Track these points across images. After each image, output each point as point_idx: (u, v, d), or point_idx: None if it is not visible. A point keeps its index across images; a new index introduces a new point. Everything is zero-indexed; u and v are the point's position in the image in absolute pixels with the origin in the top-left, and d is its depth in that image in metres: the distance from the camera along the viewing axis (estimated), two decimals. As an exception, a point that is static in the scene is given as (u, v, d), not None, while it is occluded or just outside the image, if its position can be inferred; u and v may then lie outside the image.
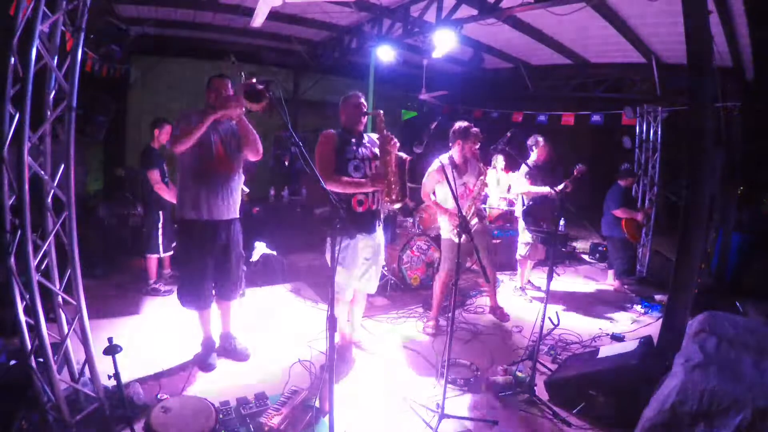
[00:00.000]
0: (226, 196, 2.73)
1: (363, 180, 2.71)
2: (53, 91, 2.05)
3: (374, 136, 2.85)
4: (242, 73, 2.30)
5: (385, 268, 4.34)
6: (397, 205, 2.96)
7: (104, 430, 2.15)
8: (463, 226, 2.52)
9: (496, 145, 3.57)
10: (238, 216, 2.87)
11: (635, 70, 5.57)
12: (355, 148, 2.78)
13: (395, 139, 2.76)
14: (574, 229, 7.48)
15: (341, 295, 2.85)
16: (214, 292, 2.91)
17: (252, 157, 2.79)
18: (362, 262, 2.86)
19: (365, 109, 2.84)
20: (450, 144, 3.62)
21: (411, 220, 5.24)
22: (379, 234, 2.94)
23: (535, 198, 4.38)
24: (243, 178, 2.95)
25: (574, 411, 2.55)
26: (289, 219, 5.81)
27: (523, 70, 6.50)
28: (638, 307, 4.48)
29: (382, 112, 2.77)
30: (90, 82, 4.67)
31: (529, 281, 4.82)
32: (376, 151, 2.84)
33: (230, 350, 3.02)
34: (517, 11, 3.80)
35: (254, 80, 2.11)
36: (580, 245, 7.09)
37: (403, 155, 2.85)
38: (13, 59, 1.85)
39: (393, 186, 2.74)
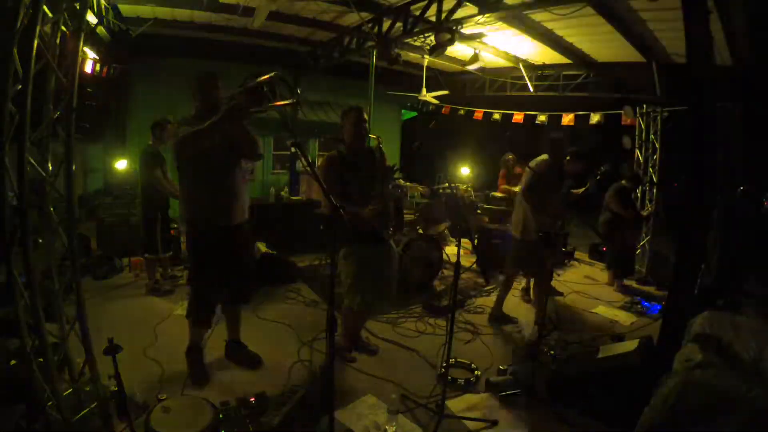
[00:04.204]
0: (239, 199, 2.66)
1: (362, 212, 2.71)
2: (53, 91, 2.05)
3: (375, 143, 2.88)
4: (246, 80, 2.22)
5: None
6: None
7: (104, 430, 2.15)
8: None
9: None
10: (247, 218, 2.78)
11: (635, 70, 5.58)
12: (357, 171, 2.78)
13: (394, 168, 2.80)
14: (573, 229, 7.47)
15: (352, 304, 2.87)
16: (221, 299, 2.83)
17: (250, 159, 2.74)
18: (371, 270, 2.85)
19: (366, 127, 2.83)
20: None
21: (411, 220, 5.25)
22: (389, 244, 2.96)
23: None
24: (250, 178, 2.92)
25: (574, 411, 2.55)
26: (289, 219, 5.81)
27: (524, 69, 6.51)
28: (638, 307, 4.48)
29: (379, 137, 2.77)
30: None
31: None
32: (377, 169, 2.86)
33: (242, 359, 2.95)
34: (517, 10, 3.81)
35: (258, 80, 2.09)
36: (579, 245, 7.09)
37: (399, 191, 2.91)
38: (13, 59, 1.85)
39: (389, 218, 2.81)
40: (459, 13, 4.16)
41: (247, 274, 2.86)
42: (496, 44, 5.79)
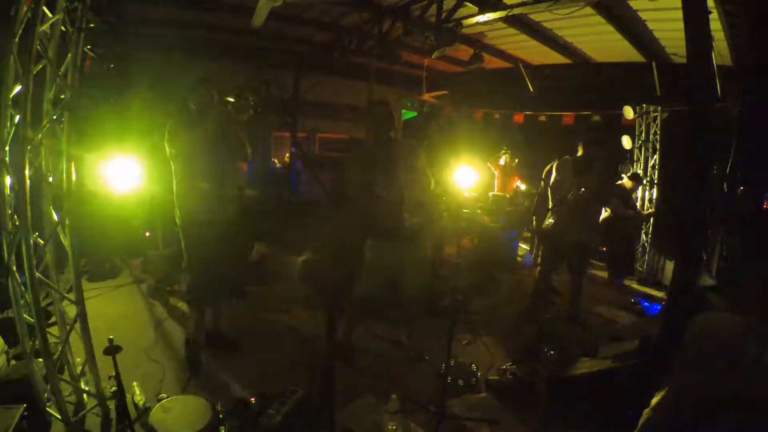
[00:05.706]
0: (231, 194, 2.80)
1: (388, 200, 2.74)
2: (53, 91, 2.05)
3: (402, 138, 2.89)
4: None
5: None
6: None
7: (104, 430, 2.15)
8: None
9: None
10: (239, 213, 2.91)
11: (635, 70, 5.57)
12: (383, 164, 2.77)
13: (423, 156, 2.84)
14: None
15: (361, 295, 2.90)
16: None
17: (241, 161, 2.89)
18: (387, 266, 2.87)
19: (393, 122, 2.87)
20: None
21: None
22: (414, 234, 2.95)
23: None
24: (244, 178, 2.99)
25: (574, 411, 2.55)
26: (289, 219, 5.81)
27: (524, 69, 6.50)
28: (638, 307, 4.48)
29: (401, 128, 2.80)
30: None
31: None
32: (403, 161, 2.85)
33: (221, 342, 3.09)
34: (518, 10, 3.80)
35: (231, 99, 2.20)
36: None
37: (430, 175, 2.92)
38: (12, 59, 1.85)
39: (414, 206, 2.83)
40: (459, 13, 4.16)
41: (241, 268, 2.95)
42: (496, 44, 5.79)
